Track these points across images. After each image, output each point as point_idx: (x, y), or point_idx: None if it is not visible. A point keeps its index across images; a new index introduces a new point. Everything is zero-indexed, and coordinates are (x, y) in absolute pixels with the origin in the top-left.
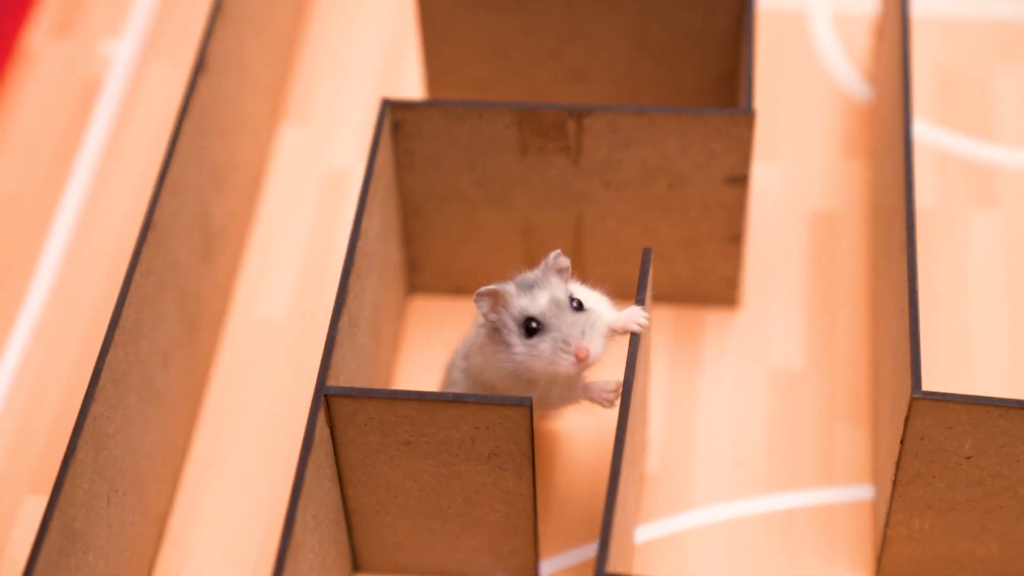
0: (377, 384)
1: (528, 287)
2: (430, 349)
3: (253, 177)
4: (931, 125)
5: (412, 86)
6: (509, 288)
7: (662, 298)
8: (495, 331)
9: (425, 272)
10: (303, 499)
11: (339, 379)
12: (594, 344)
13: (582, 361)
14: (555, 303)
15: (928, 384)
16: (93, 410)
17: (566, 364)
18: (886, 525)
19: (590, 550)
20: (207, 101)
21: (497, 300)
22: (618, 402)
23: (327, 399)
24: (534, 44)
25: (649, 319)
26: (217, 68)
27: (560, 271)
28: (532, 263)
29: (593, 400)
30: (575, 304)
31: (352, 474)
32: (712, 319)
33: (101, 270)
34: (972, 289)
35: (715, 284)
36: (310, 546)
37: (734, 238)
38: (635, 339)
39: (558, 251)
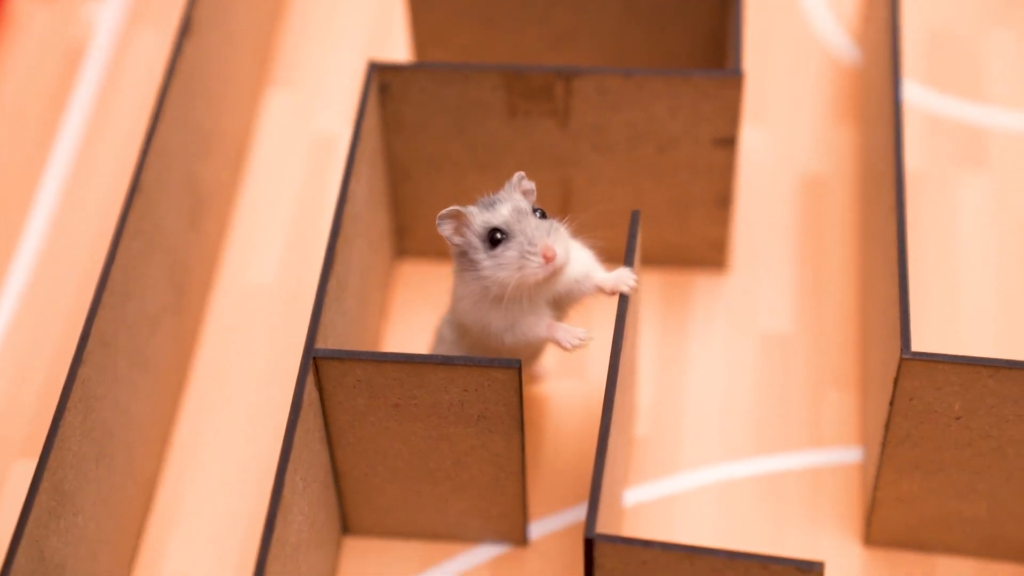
0: (366, 347)
1: (490, 204)
2: (418, 313)
3: (240, 141)
4: (920, 87)
5: (400, 50)
6: (471, 209)
7: (651, 261)
8: (462, 256)
9: (413, 236)
10: (292, 461)
11: (327, 342)
12: (559, 245)
13: (550, 261)
14: (517, 211)
15: (917, 346)
16: (81, 373)
17: (534, 267)
18: (875, 487)
19: (578, 513)
20: (193, 63)
21: (460, 221)
22: (581, 348)
23: (316, 361)
24: (521, 7)
25: (638, 281)
26: (202, 30)
27: (525, 192)
28: None
29: (558, 341)
30: (538, 213)
31: (341, 437)
32: (701, 282)
33: (88, 235)
34: (961, 251)
35: (704, 247)
36: (299, 508)
37: (723, 201)
38: (623, 301)
39: (522, 173)
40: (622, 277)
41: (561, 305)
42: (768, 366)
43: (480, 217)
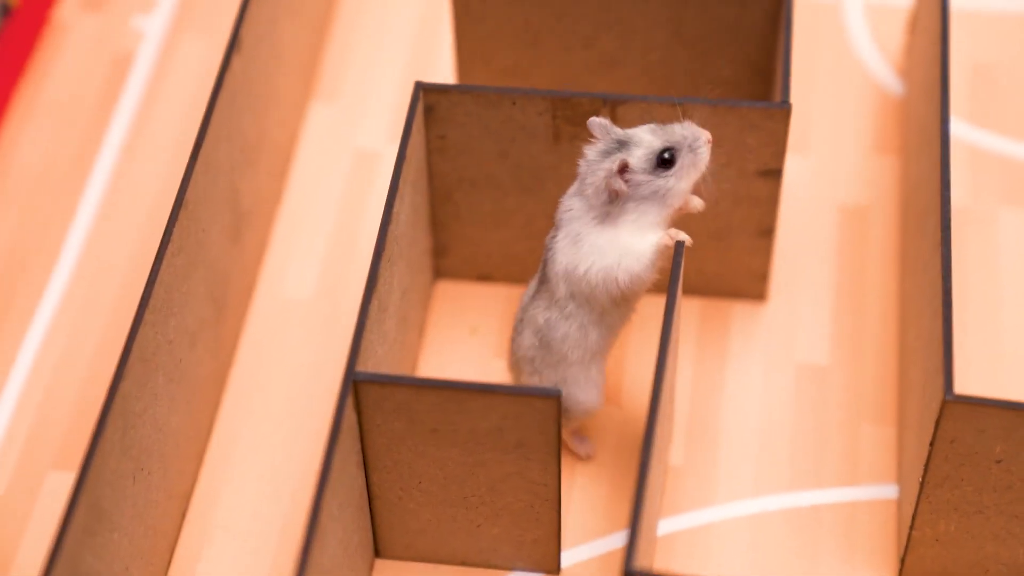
0: (404, 370)
1: (624, 144)
2: (456, 335)
3: (283, 156)
4: (963, 121)
5: (443, 69)
6: (617, 156)
7: (691, 290)
8: (612, 208)
9: (452, 258)
10: (330, 486)
11: (367, 364)
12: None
13: (710, 143)
14: (657, 129)
15: (958, 386)
16: (122, 389)
17: (705, 153)
18: (911, 527)
19: (612, 541)
20: (240, 79)
21: (622, 169)
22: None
23: (356, 385)
24: (567, 31)
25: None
26: (251, 46)
27: (610, 125)
28: None
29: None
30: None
31: (377, 460)
32: (740, 312)
33: (129, 247)
34: (1003, 289)
35: (744, 278)
36: (334, 532)
37: (765, 232)
38: (667, 330)
39: (594, 118)
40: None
41: None
42: (805, 398)
43: (637, 153)
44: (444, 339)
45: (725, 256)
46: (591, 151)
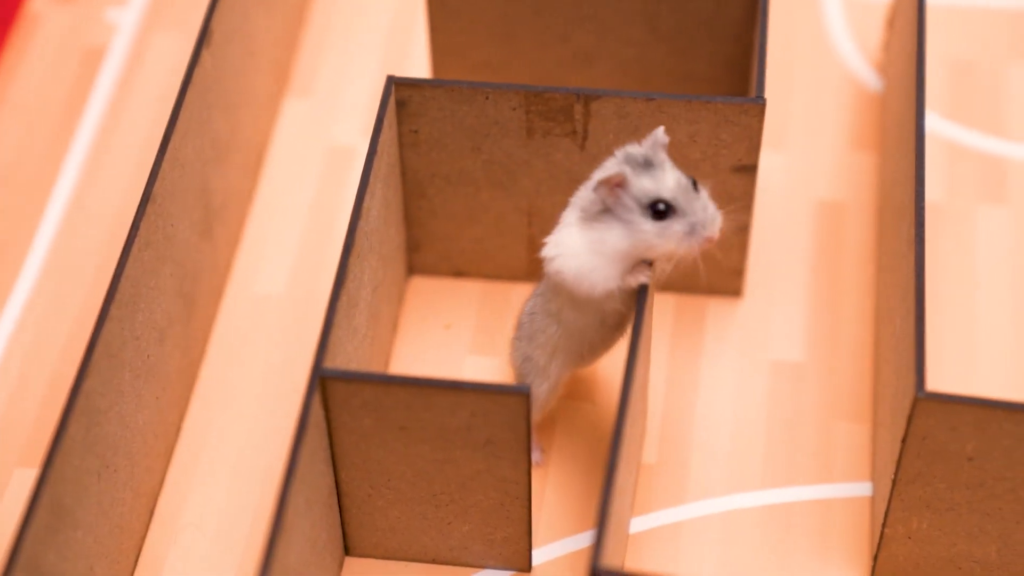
0: (375, 366)
1: (645, 167)
2: (429, 331)
3: (255, 151)
4: (941, 118)
5: (419, 64)
6: (625, 169)
7: (665, 287)
8: (600, 214)
9: (426, 253)
10: (296, 482)
11: (336, 361)
12: (718, 225)
13: (709, 243)
14: (681, 185)
15: (931, 382)
16: (86, 386)
17: (696, 244)
18: (884, 524)
19: (583, 539)
20: (211, 73)
21: (618, 184)
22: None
23: (323, 381)
24: (543, 26)
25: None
26: (222, 40)
27: (664, 146)
28: (534, 247)
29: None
30: (695, 186)
31: (346, 457)
32: (714, 309)
33: (98, 241)
34: (978, 286)
35: (719, 274)
36: (301, 529)
37: (740, 228)
38: (637, 329)
39: (662, 128)
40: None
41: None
42: (779, 395)
43: (641, 183)
44: (418, 335)
45: (700, 252)
46: (621, 152)
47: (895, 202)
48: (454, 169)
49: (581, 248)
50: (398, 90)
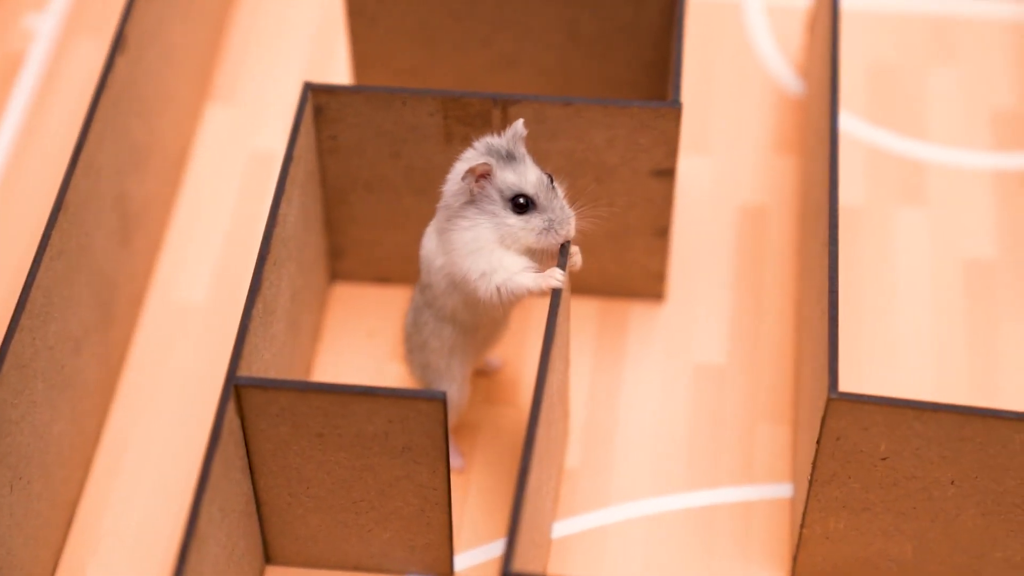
0: (295, 373)
1: (508, 159)
2: (352, 338)
3: (175, 158)
4: (861, 120)
5: (341, 70)
6: (489, 160)
7: (588, 291)
8: (465, 207)
9: (348, 260)
10: (208, 491)
11: (252, 369)
12: (572, 225)
13: (564, 238)
14: (542, 182)
15: (850, 384)
16: None
17: (553, 240)
18: (802, 525)
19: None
20: (126, 80)
21: (483, 174)
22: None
23: (237, 389)
24: (464, 31)
25: (565, 279)
26: (137, 46)
27: (522, 139)
28: None
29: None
30: (553, 184)
31: (263, 465)
32: (637, 312)
33: (14, 251)
34: (897, 288)
35: (641, 278)
36: (216, 539)
37: (660, 232)
38: (550, 330)
39: (522, 120)
40: (552, 274)
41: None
42: (702, 398)
43: (504, 176)
44: (340, 342)
45: (622, 256)
46: (482, 144)
47: (814, 205)
48: (374, 175)
49: (463, 247)
50: (315, 96)
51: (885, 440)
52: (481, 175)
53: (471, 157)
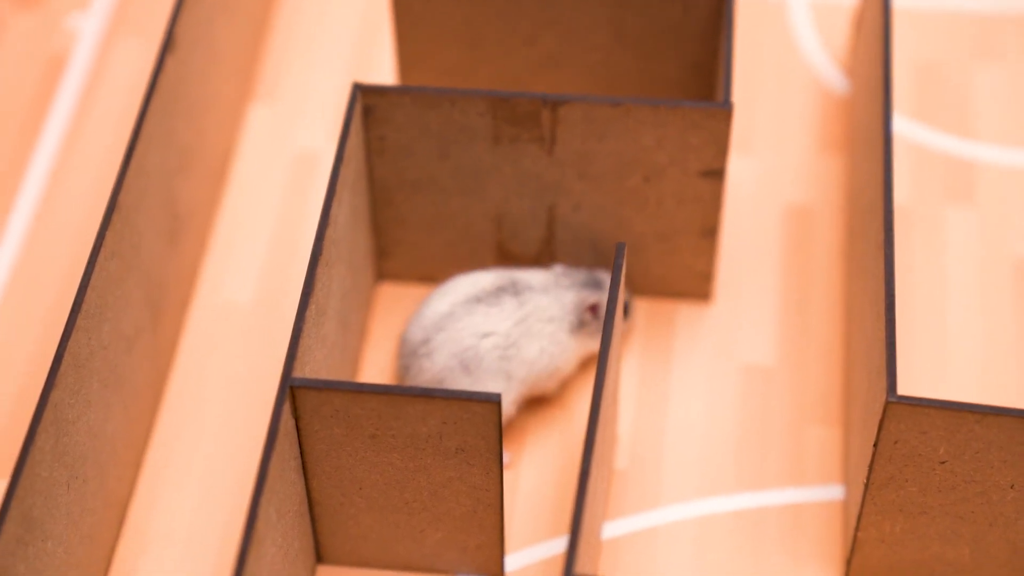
0: (344, 374)
1: (595, 285)
2: (398, 338)
3: (221, 159)
4: (908, 120)
5: (384, 69)
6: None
7: (635, 291)
8: (581, 325)
9: (394, 260)
10: (266, 493)
11: (305, 370)
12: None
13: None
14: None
15: (901, 386)
16: (53, 397)
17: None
18: (857, 528)
19: (556, 545)
20: (175, 81)
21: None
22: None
23: (293, 391)
24: (509, 31)
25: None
26: (186, 47)
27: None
28: (503, 253)
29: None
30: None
31: (317, 466)
32: (684, 313)
33: (64, 251)
34: (946, 288)
35: (689, 278)
36: (272, 539)
37: (709, 232)
38: (608, 333)
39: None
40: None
41: None
42: (750, 399)
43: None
44: (387, 342)
45: (669, 257)
46: (585, 274)
47: (864, 205)
48: (422, 176)
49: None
50: (364, 97)
51: (944, 444)
52: (593, 309)
53: (571, 284)
